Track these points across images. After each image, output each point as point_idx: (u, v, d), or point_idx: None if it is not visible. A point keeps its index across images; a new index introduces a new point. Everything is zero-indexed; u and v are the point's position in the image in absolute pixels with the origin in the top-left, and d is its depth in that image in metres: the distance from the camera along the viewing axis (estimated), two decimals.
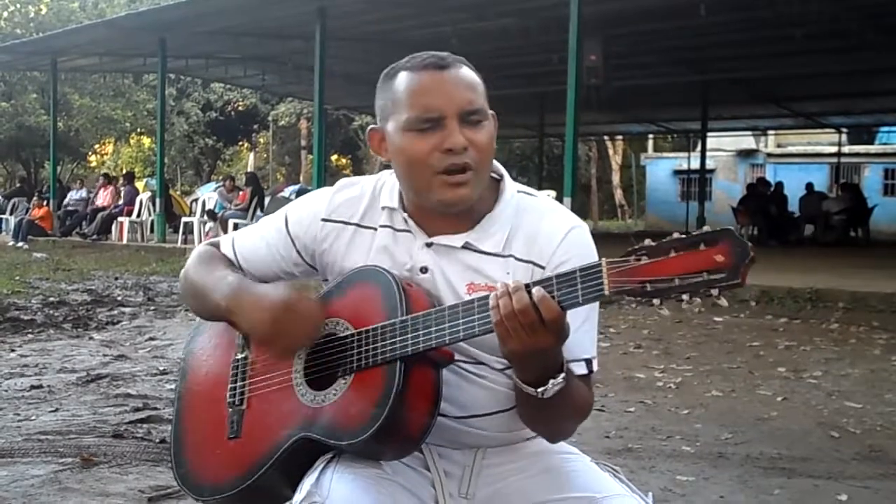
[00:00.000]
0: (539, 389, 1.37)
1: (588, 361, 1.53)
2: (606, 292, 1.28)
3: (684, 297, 1.24)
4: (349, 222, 1.59)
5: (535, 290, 1.31)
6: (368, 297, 1.48)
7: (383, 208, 1.58)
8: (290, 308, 1.45)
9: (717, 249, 1.23)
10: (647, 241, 1.28)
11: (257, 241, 1.66)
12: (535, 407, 1.43)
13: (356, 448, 1.41)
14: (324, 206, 1.61)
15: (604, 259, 1.30)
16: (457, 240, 1.53)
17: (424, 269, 1.53)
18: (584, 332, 1.51)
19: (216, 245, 1.71)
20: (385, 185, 1.61)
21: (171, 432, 1.65)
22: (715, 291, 1.23)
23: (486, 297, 1.37)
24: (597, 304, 1.49)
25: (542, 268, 1.51)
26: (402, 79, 1.50)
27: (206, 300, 1.58)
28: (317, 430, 1.43)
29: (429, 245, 1.54)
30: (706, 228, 1.25)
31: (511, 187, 1.58)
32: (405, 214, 1.56)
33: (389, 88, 1.52)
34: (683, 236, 1.26)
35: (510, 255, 1.53)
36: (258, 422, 1.51)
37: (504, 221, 1.54)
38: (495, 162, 1.58)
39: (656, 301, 1.25)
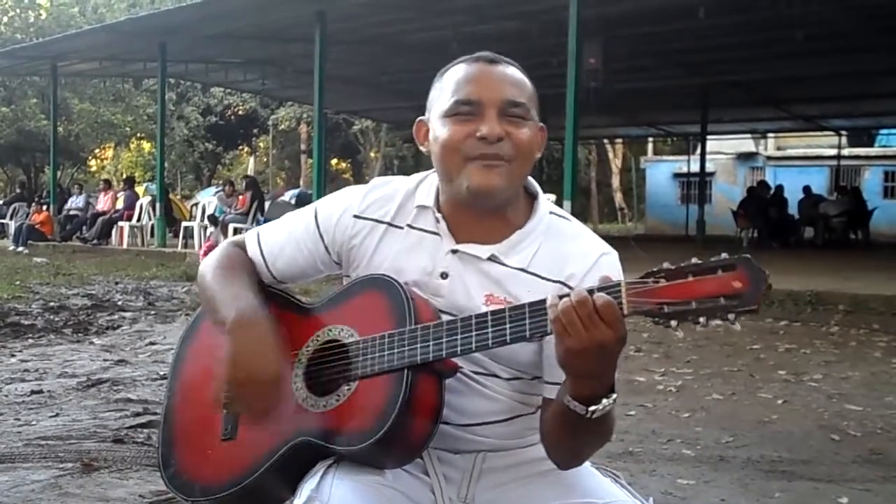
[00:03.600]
0: (591, 408, 1.34)
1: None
2: (625, 311, 1.28)
3: (700, 320, 1.25)
4: (382, 220, 1.58)
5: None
6: (376, 305, 1.47)
7: (416, 207, 1.57)
8: (246, 378, 1.43)
9: (735, 275, 1.25)
10: (666, 264, 1.28)
11: (284, 237, 1.64)
12: (573, 429, 1.39)
13: (357, 454, 1.40)
14: (356, 202, 1.60)
15: (622, 279, 1.31)
16: (483, 251, 1.52)
17: (444, 275, 1.52)
18: None
19: (241, 244, 1.68)
20: (424, 182, 1.60)
21: (160, 431, 1.62)
22: (731, 316, 1.24)
23: (502, 310, 1.37)
24: None
25: (573, 289, 1.49)
26: (454, 69, 1.54)
27: (214, 313, 1.56)
28: (317, 434, 1.43)
29: (454, 252, 1.53)
30: (724, 255, 1.26)
31: (544, 207, 1.58)
32: (439, 214, 1.55)
33: (441, 78, 1.55)
34: (701, 261, 1.27)
35: (534, 274, 1.51)
36: (255, 424, 1.50)
37: (533, 239, 1.53)
38: (531, 179, 1.58)
39: (673, 323, 1.27)
